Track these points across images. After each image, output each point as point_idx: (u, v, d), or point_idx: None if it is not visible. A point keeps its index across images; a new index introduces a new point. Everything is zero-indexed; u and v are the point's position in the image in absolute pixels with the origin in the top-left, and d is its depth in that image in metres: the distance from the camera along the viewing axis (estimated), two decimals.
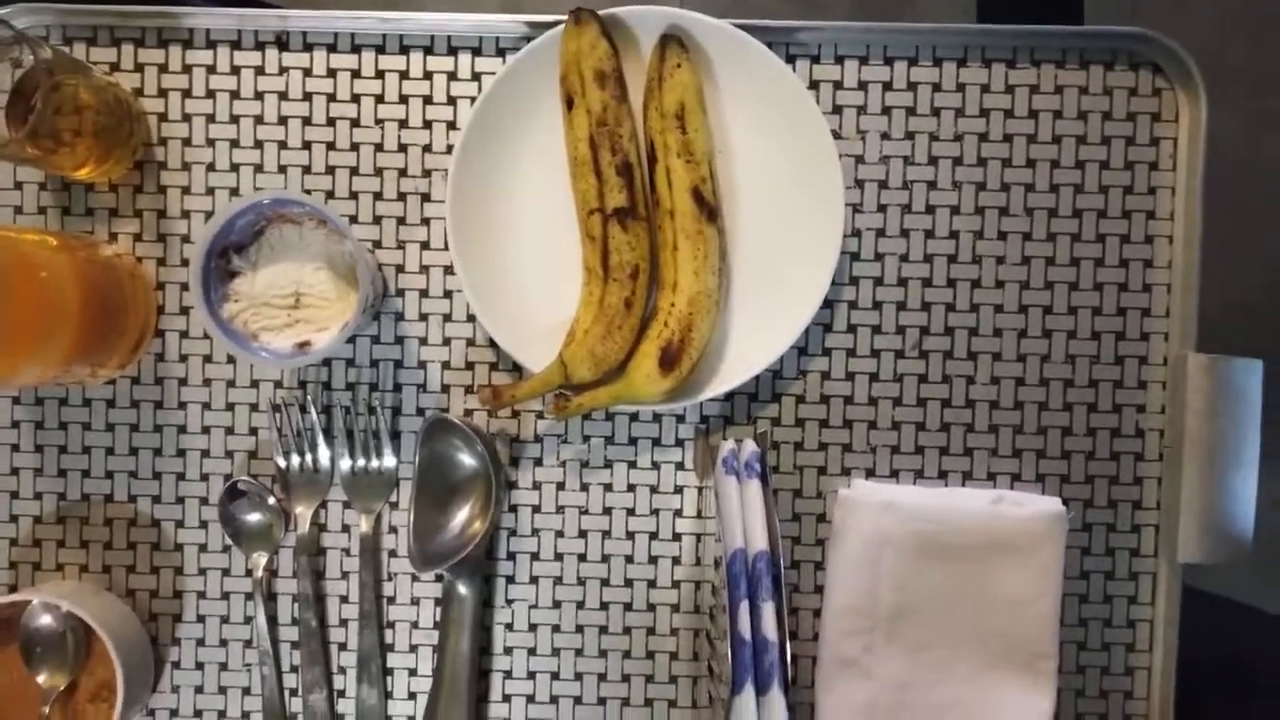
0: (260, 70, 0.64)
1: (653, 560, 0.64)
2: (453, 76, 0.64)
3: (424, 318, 0.64)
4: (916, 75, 0.63)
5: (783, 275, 0.62)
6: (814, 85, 0.63)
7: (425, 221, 0.64)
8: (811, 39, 0.63)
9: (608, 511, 0.64)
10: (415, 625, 0.64)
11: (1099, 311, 0.64)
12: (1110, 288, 0.64)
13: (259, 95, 0.64)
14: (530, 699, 0.64)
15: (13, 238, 0.55)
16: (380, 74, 0.64)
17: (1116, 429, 0.64)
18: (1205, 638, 0.66)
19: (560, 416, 0.61)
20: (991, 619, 0.62)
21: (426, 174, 0.64)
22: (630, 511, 0.64)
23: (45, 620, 0.61)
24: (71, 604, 0.59)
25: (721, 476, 0.58)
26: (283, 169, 0.64)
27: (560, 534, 0.64)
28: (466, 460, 0.62)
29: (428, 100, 0.64)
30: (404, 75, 0.64)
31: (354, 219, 0.64)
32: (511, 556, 0.64)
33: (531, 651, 0.64)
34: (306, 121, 0.64)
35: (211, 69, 0.64)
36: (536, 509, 0.64)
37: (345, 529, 0.64)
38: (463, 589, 0.62)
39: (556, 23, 0.60)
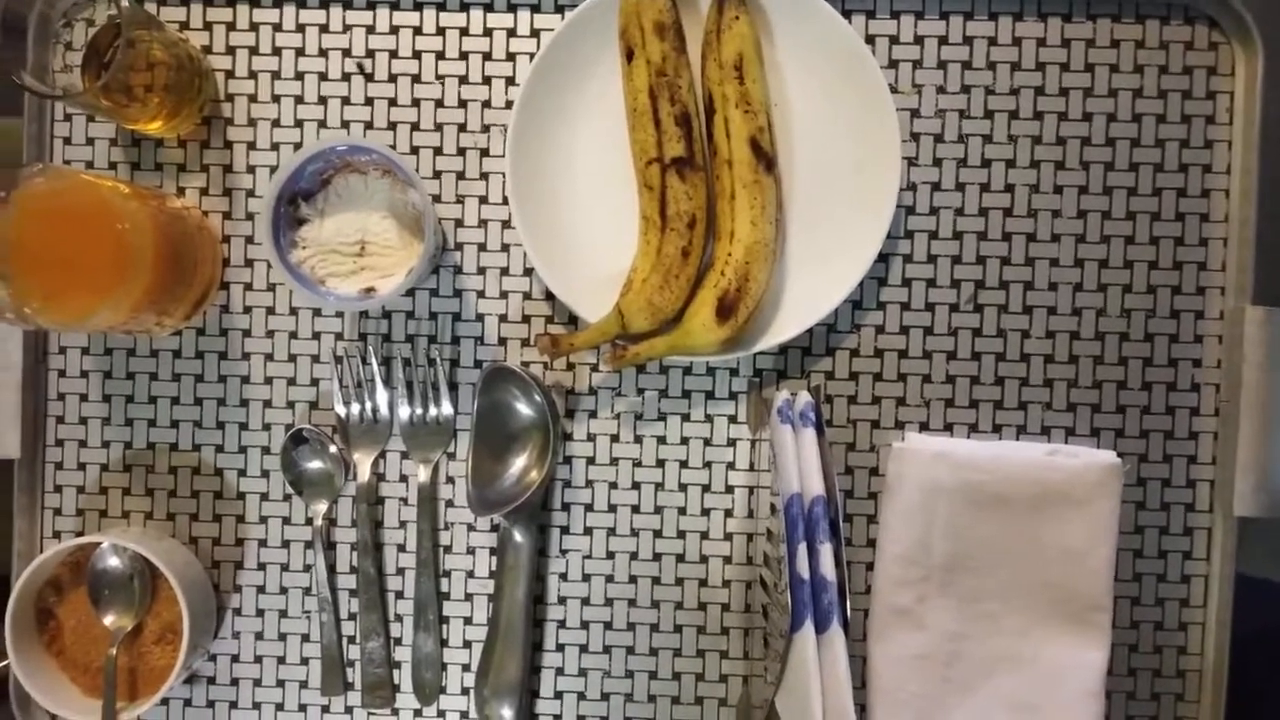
0: (325, 28, 0.65)
1: (705, 512, 0.65)
2: (512, 33, 0.65)
3: (482, 271, 0.65)
4: (972, 29, 0.64)
5: (838, 229, 0.62)
6: (870, 40, 0.64)
7: (484, 176, 0.65)
8: None
9: (661, 464, 0.65)
10: (471, 574, 0.65)
11: (1155, 265, 0.64)
12: (1166, 241, 0.64)
13: (323, 52, 0.65)
14: (584, 648, 0.65)
15: (93, 182, 0.57)
16: (441, 31, 0.65)
17: (1172, 383, 0.64)
18: (1258, 619, 0.65)
19: (617, 366, 0.61)
20: (1045, 570, 0.62)
21: (486, 129, 0.65)
22: (683, 464, 0.65)
23: (113, 563, 0.62)
24: (139, 547, 0.60)
25: (776, 425, 0.58)
26: (345, 124, 0.65)
27: (614, 486, 0.65)
28: (524, 409, 0.63)
29: (487, 57, 0.65)
30: (464, 32, 0.65)
31: None
32: (566, 507, 0.65)
33: (585, 601, 0.65)
34: (369, 78, 0.65)
35: (278, 27, 0.65)
36: (591, 461, 0.65)
37: (404, 479, 0.65)
38: (519, 536, 0.63)
39: None
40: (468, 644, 0.65)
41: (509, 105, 0.65)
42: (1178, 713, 0.64)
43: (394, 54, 0.65)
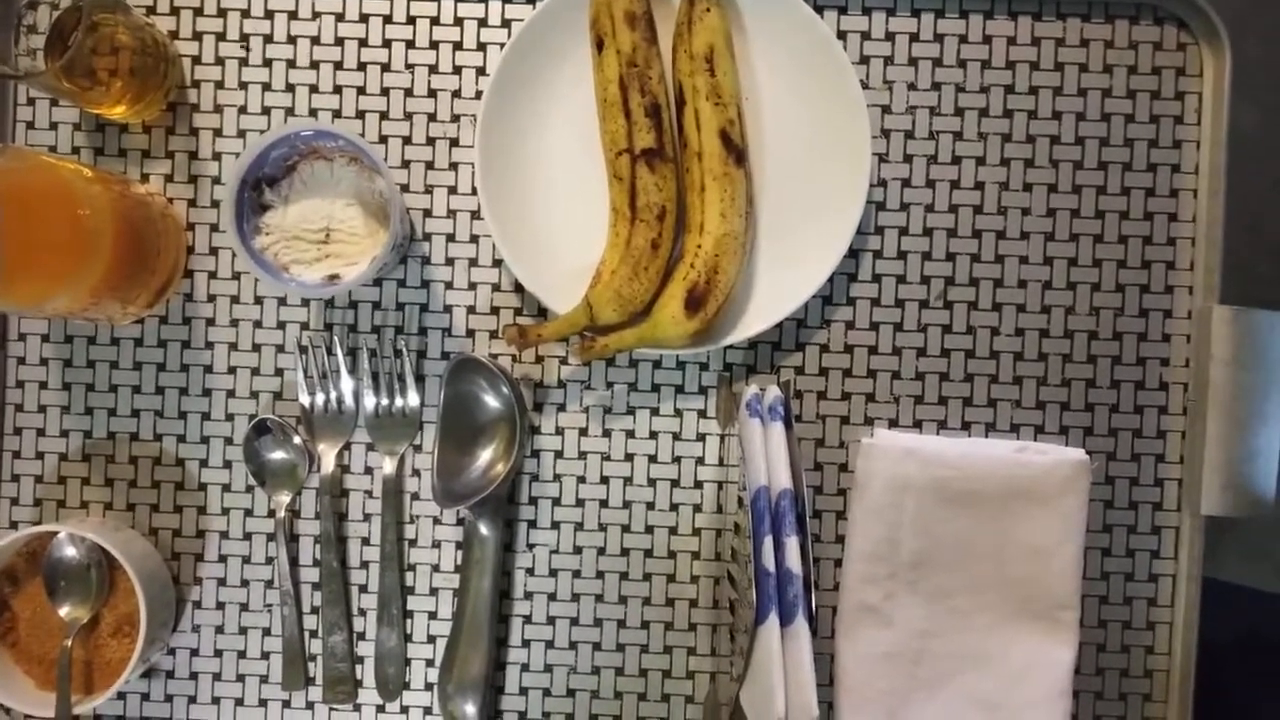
0: (293, 15, 0.64)
1: (674, 507, 0.64)
2: (483, 23, 0.64)
3: (450, 262, 0.65)
4: (943, 27, 0.64)
5: (808, 223, 0.62)
6: (841, 36, 0.64)
7: (453, 166, 0.65)
8: None
9: (629, 458, 0.64)
10: (436, 569, 0.64)
11: (1124, 264, 0.64)
12: (1135, 240, 0.64)
13: (291, 39, 0.64)
14: (549, 644, 0.64)
15: (54, 164, 0.56)
16: (411, 19, 0.64)
17: (1140, 382, 0.64)
18: (1226, 621, 0.65)
19: (586, 358, 0.61)
20: (1013, 567, 0.61)
21: (455, 119, 0.65)
22: (652, 458, 0.64)
23: (70, 553, 0.61)
24: (96, 537, 0.59)
25: (745, 418, 0.58)
26: (313, 112, 0.64)
27: (582, 480, 0.64)
28: (491, 401, 0.62)
29: (458, 46, 0.64)
30: (435, 21, 0.64)
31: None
32: (533, 501, 0.64)
33: (552, 596, 0.64)
34: (338, 66, 0.64)
35: (246, 13, 0.64)
36: (559, 454, 0.64)
37: (368, 471, 0.64)
38: (484, 529, 0.63)
39: None
40: (432, 639, 0.64)
41: (479, 95, 0.64)
42: (1145, 713, 0.64)
43: (363, 42, 0.64)
